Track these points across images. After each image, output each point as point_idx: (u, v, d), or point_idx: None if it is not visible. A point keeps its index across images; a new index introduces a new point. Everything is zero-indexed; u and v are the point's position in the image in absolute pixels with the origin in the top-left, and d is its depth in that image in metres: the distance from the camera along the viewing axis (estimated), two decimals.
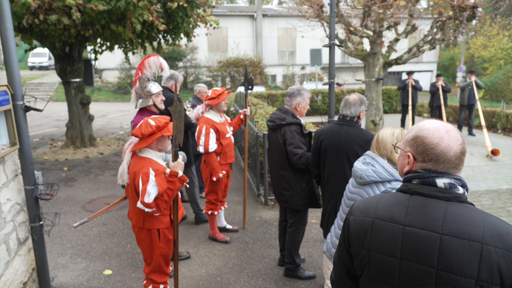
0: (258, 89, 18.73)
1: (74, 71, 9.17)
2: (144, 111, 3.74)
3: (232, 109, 9.97)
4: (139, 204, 2.55)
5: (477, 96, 10.74)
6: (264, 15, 28.51)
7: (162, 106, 3.79)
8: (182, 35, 9.43)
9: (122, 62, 22.48)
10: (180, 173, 2.56)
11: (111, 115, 17.25)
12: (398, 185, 2.16)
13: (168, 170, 2.56)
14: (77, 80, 9.26)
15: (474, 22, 32.22)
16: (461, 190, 1.25)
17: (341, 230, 2.46)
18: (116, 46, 9.67)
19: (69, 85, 9.23)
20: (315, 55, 15.26)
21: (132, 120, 3.79)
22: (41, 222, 3.24)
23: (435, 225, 1.21)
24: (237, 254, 4.29)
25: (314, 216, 5.23)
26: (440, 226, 1.20)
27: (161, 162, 2.71)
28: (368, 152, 2.36)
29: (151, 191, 2.50)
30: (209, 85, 23.40)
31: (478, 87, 10.80)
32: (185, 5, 7.62)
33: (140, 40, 8.89)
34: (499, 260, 1.13)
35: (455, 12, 9.11)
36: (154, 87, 3.69)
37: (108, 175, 7.32)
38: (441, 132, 1.29)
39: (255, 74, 24.31)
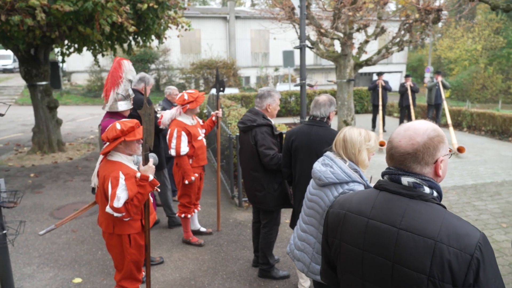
0: (231, 91, 18.69)
1: (40, 74, 8.86)
2: (114, 114, 3.66)
3: (205, 111, 9.92)
4: (108, 209, 2.49)
5: (443, 96, 11.13)
6: (237, 17, 28.52)
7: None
8: (153, 37, 9.29)
9: (92, 64, 21.92)
10: (151, 177, 2.52)
11: (81, 119, 16.79)
12: (355, 186, 2.19)
13: (138, 174, 2.51)
14: (44, 83, 8.96)
15: (440, 24, 33.37)
16: (427, 190, 1.27)
17: (303, 231, 2.49)
18: (84, 48, 9.41)
19: (35, 89, 8.92)
20: (287, 56, 15.40)
21: (99, 124, 3.71)
22: (4, 231, 3.10)
23: (395, 220, 1.26)
24: (211, 256, 4.26)
25: (288, 216, 5.26)
26: (399, 221, 1.24)
27: (132, 166, 2.66)
28: (327, 153, 2.36)
29: (121, 196, 2.44)
30: (182, 88, 23.15)
31: (445, 87, 11.20)
32: (156, 6, 7.52)
33: (109, 42, 8.70)
34: (451, 259, 1.15)
35: (421, 15, 9.41)
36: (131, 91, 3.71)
37: (78, 180, 7.12)
38: (401, 130, 1.33)
39: (229, 76, 24.26)
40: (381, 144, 9.32)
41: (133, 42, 9.34)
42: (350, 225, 1.37)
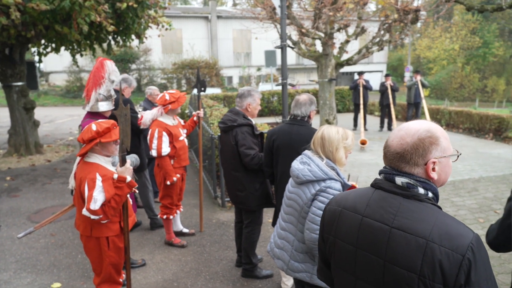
0: (214, 90, 18.62)
1: (15, 74, 8.63)
2: (94, 114, 3.60)
3: (187, 111, 9.84)
4: (84, 211, 2.44)
5: (422, 95, 11.35)
6: (218, 17, 28.42)
7: None
8: (133, 36, 9.16)
9: (71, 64, 21.50)
10: (128, 178, 2.48)
11: (59, 120, 16.43)
12: (332, 183, 2.22)
13: (115, 176, 2.47)
14: (20, 83, 8.73)
15: (419, 24, 34.04)
16: (421, 190, 1.26)
17: (282, 230, 2.51)
18: (62, 48, 9.21)
19: (11, 89, 8.68)
20: (269, 56, 15.43)
21: (80, 124, 3.65)
22: None
23: (388, 218, 1.26)
24: (194, 257, 4.22)
25: (271, 215, 5.26)
26: (392, 219, 1.24)
27: (110, 167, 2.61)
28: (306, 152, 2.40)
29: (98, 198, 2.40)
30: (164, 88, 22.94)
31: (424, 86, 11.42)
32: (135, 5, 7.42)
33: (88, 42, 8.54)
34: (442, 259, 1.13)
35: (400, 15, 9.57)
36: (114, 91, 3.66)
37: (57, 183, 6.96)
38: (396, 129, 1.34)
39: (211, 76, 24.16)
40: (362, 143, 9.44)
41: (112, 42, 9.20)
42: (345, 222, 1.38)
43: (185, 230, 4.76)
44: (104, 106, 3.57)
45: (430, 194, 1.27)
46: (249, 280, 3.75)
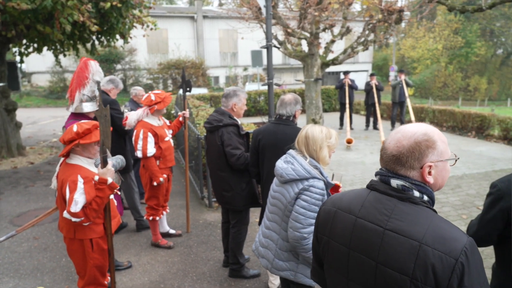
0: (200, 91, 18.53)
1: None
2: (78, 115, 3.55)
3: (173, 111, 9.78)
4: (65, 214, 2.40)
5: (407, 94, 11.50)
6: (204, 17, 28.32)
7: None
8: (117, 36, 9.06)
9: (54, 65, 21.16)
10: (110, 180, 2.44)
11: (42, 122, 16.15)
12: (315, 182, 2.24)
13: (96, 177, 2.43)
14: (0, 84, 8.54)
15: (403, 24, 34.51)
16: (416, 193, 1.25)
17: (267, 228, 2.52)
18: (45, 48, 9.05)
19: None
20: (256, 56, 15.44)
21: (64, 126, 3.59)
22: None
23: (382, 220, 1.25)
24: (181, 258, 4.20)
25: (258, 215, 5.27)
26: (386, 221, 1.23)
27: (93, 169, 2.57)
28: (290, 151, 2.42)
29: (79, 200, 2.36)
30: (150, 88, 22.75)
31: (408, 85, 11.57)
32: (119, 5, 7.34)
33: (71, 42, 8.41)
34: (435, 262, 1.12)
35: (384, 15, 9.69)
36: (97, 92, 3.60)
37: (40, 185, 6.84)
38: (394, 132, 1.33)
39: (198, 76, 24.04)
40: (348, 142, 9.52)
41: (96, 42, 9.08)
42: (339, 222, 1.37)
43: (172, 231, 4.73)
44: (88, 107, 3.52)
45: (425, 198, 1.27)
46: (236, 280, 3.74)
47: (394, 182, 1.27)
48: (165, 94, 4.26)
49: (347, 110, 11.22)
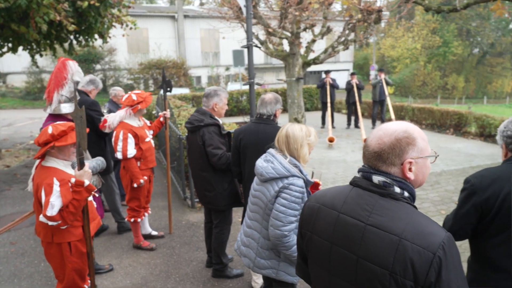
0: (182, 91, 18.40)
1: None
2: (57, 117, 3.48)
3: (154, 112, 9.67)
4: (41, 218, 2.34)
5: (387, 92, 11.69)
6: (185, 16, 28.11)
7: None
8: (96, 36, 8.90)
9: (30, 65, 20.64)
10: (87, 182, 2.39)
11: (19, 124, 15.74)
12: (295, 180, 2.26)
13: (73, 180, 2.39)
14: None
15: (382, 24, 35.07)
16: (398, 190, 1.28)
17: (248, 227, 2.53)
18: (20, 48, 8.81)
19: None
20: (237, 56, 15.43)
21: (41, 127, 3.51)
22: None
23: (363, 215, 1.27)
24: (164, 260, 4.16)
25: (241, 215, 5.27)
26: (367, 217, 1.26)
27: (69, 171, 2.52)
28: (269, 150, 2.44)
29: (55, 203, 2.31)
30: (131, 88, 22.44)
31: (388, 84, 11.76)
32: (97, 4, 7.21)
33: (48, 41, 8.21)
34: (414, 256, 1.15)
35: (364, 15, 9.82)
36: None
37: (17, 189, 6.66)
38: (376, 129, 1.36)
39: (179, 76, 23.84)
40: (330, 140, 9.61)
41: (74, 42, 8.89)
42: (322, 218, 1.39)
43: (154, 233, 4.69)
44: (67, 108, 3.45)
45: (406, 194, 1.30)
46: (219, 280, 3.73)
47: (376, 179, 1.30)
48: (145, 94, 4.23)
49: (329, 109, 11.32)
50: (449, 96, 35.00)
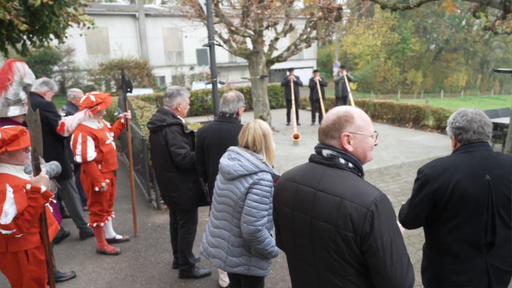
0: (145, 91, 18.03)
1: None
2: (4, 120, 3.32)
3: (116, 113, 9.42)
4: None
5: (349, 88, 11.98)
6: (147, 15, 27.54)
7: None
8: (51, 36, 8.53)
9: None
10: (43, 188, 2.30)
11: None
12: (264, 175, 2.30)
13: (28, 186, 2.28)
14: None
15: (344, 21, 35.88)
16: (342, 161, 1.51)
17: (216, 228, 2.52)
18: None
19: None
20: (201, 55, 15.28)
21: None
22: None
23: (314, 183, 1.52)
24: (129, 264, 4.08)
25: (207, 214, 5.24)
26: (318, 184, 1.50)
27: (23, 176, 2.41)
28: (232, 148, 2.45)
29: (9, 211, 2.20)
30: (92, 90, 21.72)
31: (350, 80, 12.06)
32: (51, 2, 6.91)
33: None
34: (352, 212, 1.39)
35: (324, 13, 10.02)
36: (25, 95, 3.37)
37: None
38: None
39: (142, 76, 23.35)
40: (295, 137, 9.74)
41: (28, 42, 8.49)
42: (286, 190, 1.64)
43: (119, 237, 4.58)
44: (15, 111, 3.30)
45: (350, 165, 1.52)
46: (187, 280, 3.71)
47: (325, 152, 1.54)
48: (105, 94, 4.11)
49: (293, 106, 11.45)
50: (408, 91, 36.35)
